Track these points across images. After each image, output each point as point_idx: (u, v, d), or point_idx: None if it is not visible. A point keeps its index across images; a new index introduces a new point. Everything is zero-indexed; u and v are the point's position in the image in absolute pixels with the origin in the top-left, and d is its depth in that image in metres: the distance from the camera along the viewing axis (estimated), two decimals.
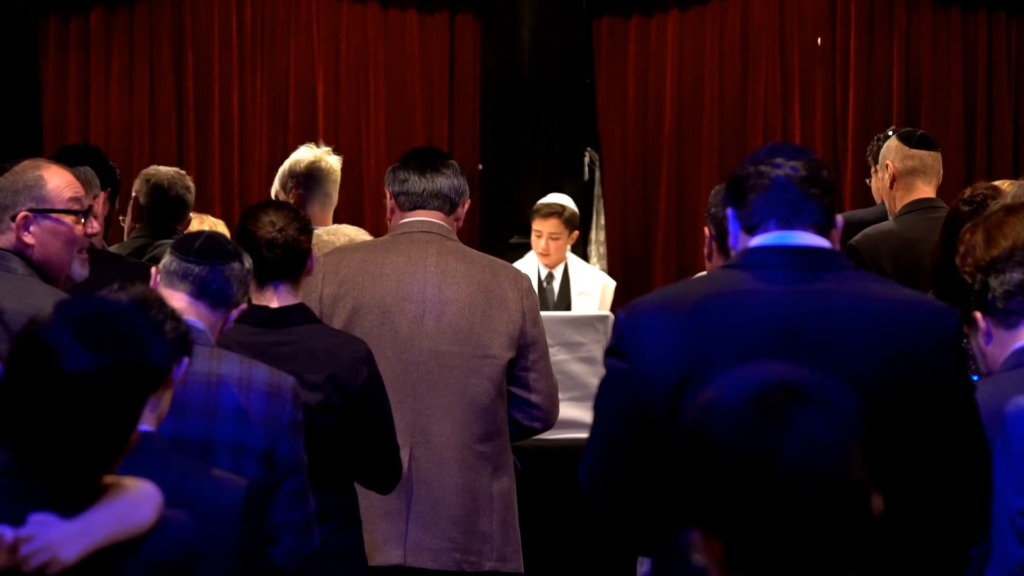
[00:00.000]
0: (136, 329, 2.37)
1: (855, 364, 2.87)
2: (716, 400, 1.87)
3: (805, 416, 1.83)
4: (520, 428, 4.76)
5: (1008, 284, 3.43)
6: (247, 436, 3.55)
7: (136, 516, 2.39)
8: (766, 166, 2.97)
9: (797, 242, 2.95)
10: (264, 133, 10.32)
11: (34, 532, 2.30)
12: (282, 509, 3.59)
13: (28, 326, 2.35)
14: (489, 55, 9.97)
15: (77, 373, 2.29)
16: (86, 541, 2.32)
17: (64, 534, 2.31)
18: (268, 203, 4.34)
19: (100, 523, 2.34)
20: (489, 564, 4.66)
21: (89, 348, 2.30)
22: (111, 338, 2.33)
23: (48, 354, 2.30)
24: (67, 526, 2.32)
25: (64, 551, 2.31)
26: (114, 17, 10.19)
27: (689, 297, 2.99)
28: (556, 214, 7.80)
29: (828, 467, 1.82)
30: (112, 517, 2.36)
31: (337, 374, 4.02)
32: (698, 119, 10.48)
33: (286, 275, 4.06)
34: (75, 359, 2.29)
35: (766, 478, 1.81)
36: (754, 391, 1.85)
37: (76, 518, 2.33)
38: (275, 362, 3.78)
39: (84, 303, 2.39)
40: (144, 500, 2.41)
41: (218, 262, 3.63)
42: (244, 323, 4.00)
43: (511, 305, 4.70)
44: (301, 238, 4.06)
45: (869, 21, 10.43)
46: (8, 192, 4.03)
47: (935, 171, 5.77)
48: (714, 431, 1.84)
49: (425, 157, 4.86)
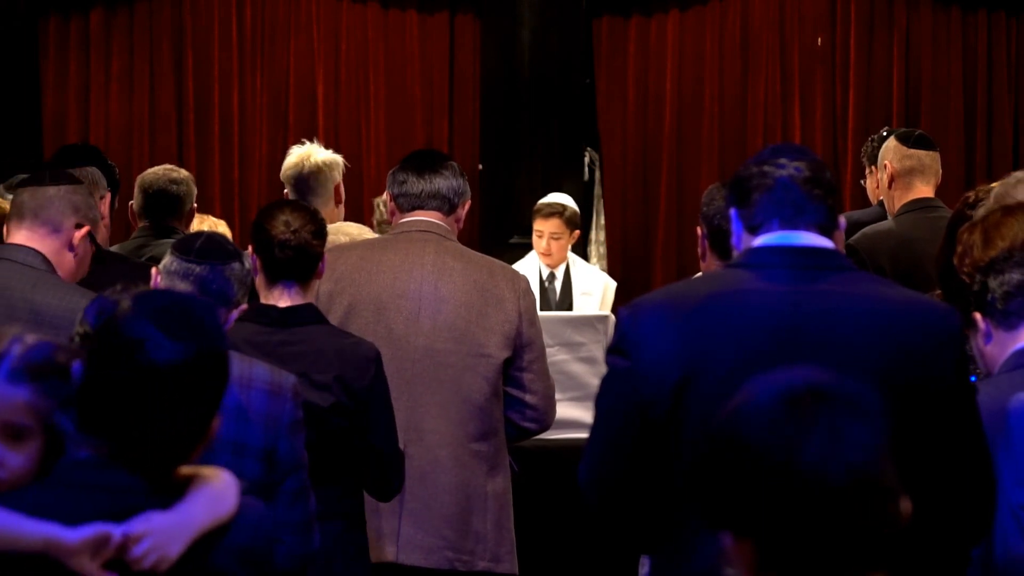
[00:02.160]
0: (213, 320, 2.41)
1: (856, 364, 2.87)
2: (747, 403, 1.90)
3: (835, 418, 1.87)
4: (516, 429, 4.76)
5: (1008, 285, 3.43)
6: (247, 435, 3.55)
7: (224, 505, 2.42)
8: (770, 166, 2.98)
9: (800, 242, 2.96)
10: (264, 133, 10.32)
11: (143, 530, 2.32)
12: (282, 508, 3.59)
13: (108, 321, 2.36)
14: (489, 55, 9.97)
15: (166, 364, 2.32)
16: (188, 535, 2.36)
17: (168, 529, 2.34)
18: (286, 203, 4.34)
19: (196, 515, 2.37)
20: (482, 564, 4.65)
21: (175, 339, 2.33)
22: (194, 329, 2.36)
23: (135, 346, 2.32)
24: (169, 520, 2.35)
25: (171, 548, 2.34)
26: (114, 17, 10.19)
27: (691, 296, 2.99)
28: (557, 214, 7.80)
29: (858, 468, 1.86)
30: (205, 508, 2.39)
31: (344, 374, 4.03)
32: (698, 119, 10.48)
33: (296, 276, 4.06)
34: (163, 350, 2.32)
35: (797, 479, 1.84)
36: (784, 394, 1.89)
37: (174, 511, 2.36)
38: (283, 361, 3.79)
39: (160, 296, 2.43)
40: (228, 488, 2.44)
41: (218, 262, 3.64)
42: (252, 322, 4.01)
43: (507, 305, 4.70)
44: (314, 241, 4.06)
45: (869, 21, 10.43)
46: (85, 204, 4.21)
47: (933, 171, 5.77)
48: (746, 434, 1.88)
49: (424, 158, 4.87)
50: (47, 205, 4.26)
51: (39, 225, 4.26)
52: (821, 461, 1.84)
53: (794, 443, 1.85)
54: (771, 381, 1.91)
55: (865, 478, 1.85)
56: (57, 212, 4.27)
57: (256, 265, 4.07)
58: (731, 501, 1.88)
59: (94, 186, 4.88)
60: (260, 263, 4.06)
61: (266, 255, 4.04)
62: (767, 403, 1.88)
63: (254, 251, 4.07)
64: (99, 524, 2.31)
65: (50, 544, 2.31)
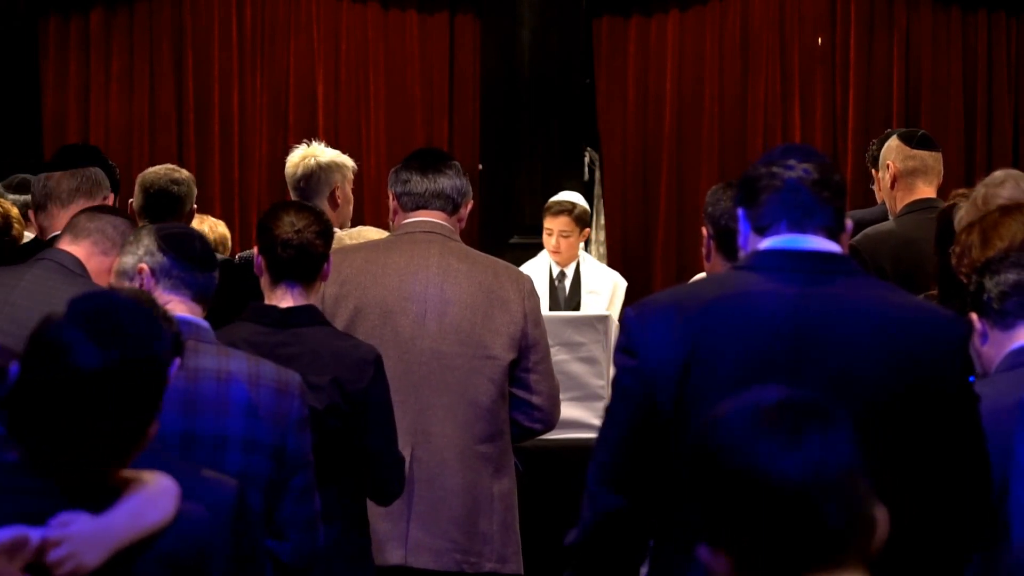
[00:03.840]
0: (143, 326, 2.38)
1: (860, 369, 2.87)
2: (722, 418, 1.92)
3: (802, 427, 1.89)
4: (521, 429, 4.76)
5: (1003, 285, 3.44)
6: (257, 432, 3.55)
7: (156, 512, 2.39)
8: (779, 167, 2.97)
9: (808, 246, 2.95)
10: (264, 133, 10.32)
11: (60, 536, 2.30)
12: (290, 505, 3.58)
13: (42, 324, 2.36)
14: (489, 55, 9.97)
15: (91, 370, 2.31)
16: (110, 543, 2.33)
17: (88, 536, 2.31)
18: (291, 203, 4.35)
19: (122, 522, 2.34)
20: (489, 565, 4.66)
21: (101, 346, 2.31)
22: (120, 335, 2.34)
23: (62, 351, 2.31)
24: (90, 527, 2.32)
25: (89, 555, 2.31)
26: (114, 17, 10.18)
27: (698, 297, 2.98)
28: (566, 212, 7.81)
29: (832, 482, 1.86)
30: (133, 515, 2.36)
31: (340, 376, 4.02)
32: (698, 119, 10.48)
33: (299, 276, 4.05)
34: (88, 356, 2.31)
35: (769, 493, 1.86)
36: (753, 407, 1.91)
37: (98, 518, 2.33)
38: (280, 362, 3.78)
39: (92, 300, 2.40)
40: (163, 495, 2.42)
41: (213, 269, 3.67)
42: (253, 322, 4.01)
43: (513, 306, 4.70)
44: (317, 242, 4.04)
45: (869, 21, 10.43)
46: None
47: (936, 171, 5.77)
48: (720, 448, 1.89)
49: (427, 157, 4.87)
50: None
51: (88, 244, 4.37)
52: (794, 477, 1.86)
53: (759, 451, 1.87)
54: (742, 397, 1.94)
55: (833, 484, 1.87)
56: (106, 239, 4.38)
57: (261, 265, 4.07)
58: (705, 513, 1.90)
59: (97, 187, 4.88)
60: (264, 263, 4.06)
61: (270, 255, 4.04)
62: (735, 415, 1.91)
63: (259, 251, 4.07)
64: (18, 527, 2.29)
65: None
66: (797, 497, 1.85)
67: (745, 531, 1.87)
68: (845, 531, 1.87)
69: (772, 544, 1.86)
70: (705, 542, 1.90)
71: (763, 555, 1.87)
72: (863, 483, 1.89)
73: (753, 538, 1.87)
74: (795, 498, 1.85)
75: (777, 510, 1.85)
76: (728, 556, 1.89)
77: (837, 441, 1.88)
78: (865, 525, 1.89)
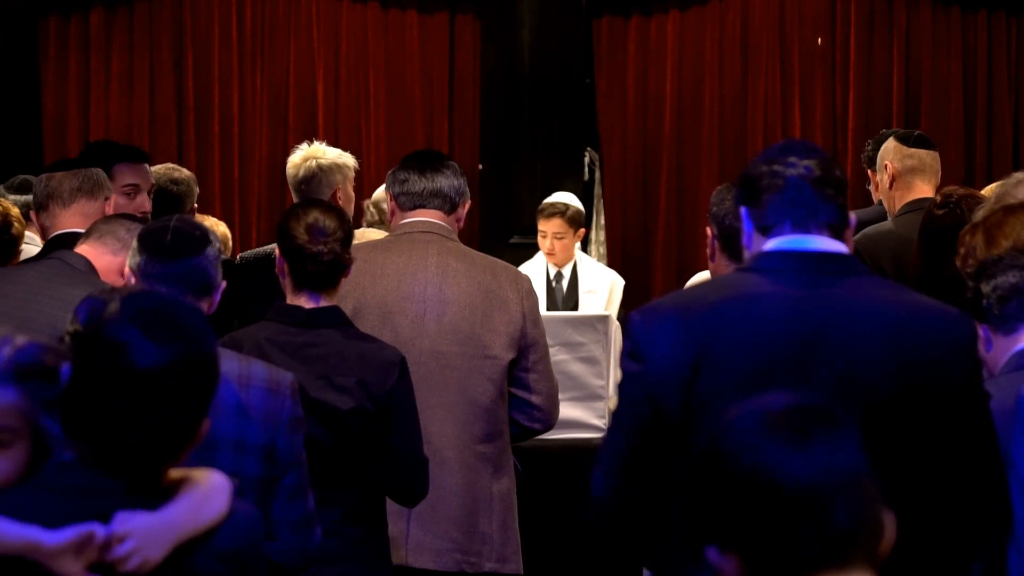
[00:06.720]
0: (198, 323, 2.40)
1: (868, 370, 2.86)
2: (731, 422, 1.94)
3: (809, 430, 1.90)
4: (521, 429, 4.77)
5: (1001, 289, 3.43)
6: (248, 432, 3.54)
7: (212, 508, 2.41)
8: (780, 165, 2.94)
9: (812, 247, 2.93)
10: (264, 133, 10.32)
11: (126, 531, 2.32)
12: (281, 505, 3.57)
13: (94, 323, 2.35)
14: (489, 55, 9.98)
15: (148, 368, 2.31)
16: (171, 538, 2.34)
17: (151, 531, 2.33)
18: (314, 209, 4.12)
19: (181, 518, 2.36)
20: (489, 565, 4.66)
21: (158, 343, 2.32)
22: (178, 332, 2.35)
23: (118, 350, 2.32)
24: (152, 523, 2.33)
25: (153, 551, 2.33)
26: (114, 17, 10.19)
27: (703, 301, 2.96)
28: (559, 213, 7.79)
29: (840, 485, 1.89)
30: (191, 511, 2.38)
31: (366, 378, 4.01)
32: (698, 119, 10.48)
33: (324, 286, 4.06)
34: (145, 355, 2.31)
35: (779, 497, 1.88)
36: (761, 411, 1.93)
37: (157, 514, 2.35)
38: (305, 363, 3.78)
39: (146, 298, 2.41)
40: (217, 491, 2.43)
41: (193, 255, 3.55)
42: (277, 321, 4.00)
43: (511, 306, 4.70)
44: (345, 254, 4.03)
45: (869, 21, 10.44)
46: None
47: (934, 170, 5.77)
48: (729, 451, 1.91)
49: (425, 157, 4.87)
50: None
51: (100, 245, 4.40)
52: (803, 481, 1.88)
53: (768, 454, 1.89)
54: (751, 401, 1.96)
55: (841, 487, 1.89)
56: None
57: (283, 268, 4.06)
58: (715, 516, 1.92)
59: (99, 187, 4.88)
60: (288, 268, 4.05)
61: (296, 265, 4.01)
62: (744, 419, 1.93)
63: (281, 254, 4.05)
64: (83, 524, 2.30)
65: (30, 547, 2.30)
66: (805, 499, 1.87)
67: (754, 533, 1.89)
68: (853, 533, 1.88)
69: (781, 546, 1.88)
70: (715, 544, 1.92)
71: (772, 557, 1.89)
72: (871, 485, 1.91)
73: (762, 540, 1.89)
74: (803, 500, 1.87)
75: (786, 512, 1.87)
76: (737, 558, 1.90)
77: (845, 444, 1.90)
78: (873, 527, 1.90)
